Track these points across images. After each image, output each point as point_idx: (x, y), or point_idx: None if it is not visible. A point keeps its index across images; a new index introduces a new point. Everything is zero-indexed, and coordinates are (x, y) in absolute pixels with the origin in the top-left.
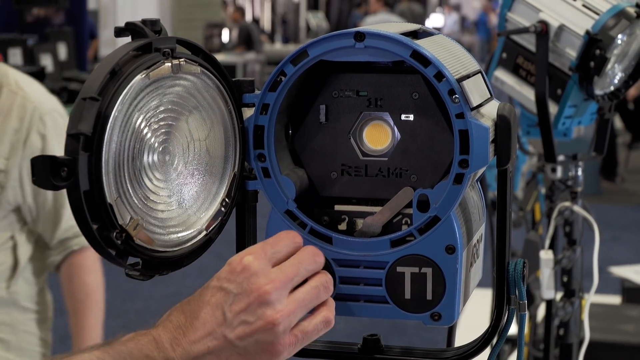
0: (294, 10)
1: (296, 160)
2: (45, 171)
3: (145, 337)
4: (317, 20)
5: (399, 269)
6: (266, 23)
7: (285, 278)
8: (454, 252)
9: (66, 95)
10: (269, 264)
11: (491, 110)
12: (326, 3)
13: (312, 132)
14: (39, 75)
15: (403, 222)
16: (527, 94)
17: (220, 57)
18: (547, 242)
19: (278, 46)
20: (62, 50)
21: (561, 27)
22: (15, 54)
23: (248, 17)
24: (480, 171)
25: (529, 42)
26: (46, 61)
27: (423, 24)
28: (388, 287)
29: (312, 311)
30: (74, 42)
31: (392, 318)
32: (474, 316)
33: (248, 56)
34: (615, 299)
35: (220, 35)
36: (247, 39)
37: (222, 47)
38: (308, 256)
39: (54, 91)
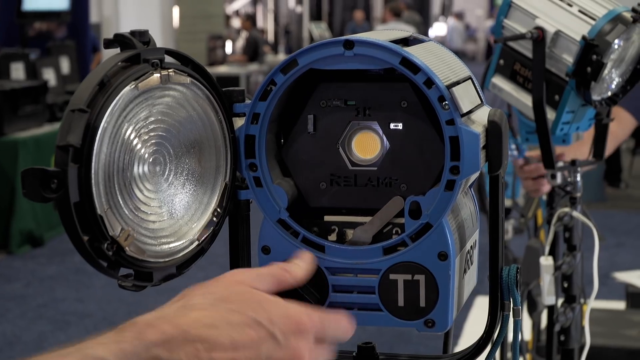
0: (297, 21)
1: (285, 171)
2: (35, 183)
3: (152, 332)
4: (319, 30)
5: (392, 276)
6: (269, 34)
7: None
8: (447, 258)
9: None
10: (315, 337)
11: (482, 116)
12: (329, 13)
13: (301, 143)
14: (42, 89)
15: (393, 231)
16: (524, 100)
17: (223, 69)
18: (547, 248)
19: (281, 57)
20: (65, 64)
21: (557, 33)
22: (18, 69)
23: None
24: (473, 177)
25: (525, 48)
26: (49, 75)
27: (425, 32)
28: (381, 294)
29: None
30: (77, 56)
31: (385, 325)
32: (481, 323)
33: (251, 67)
34: (619, 304)
35: (223, 47)
36: (253, 50)
37: (226, 59)
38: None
39: (56, 105)
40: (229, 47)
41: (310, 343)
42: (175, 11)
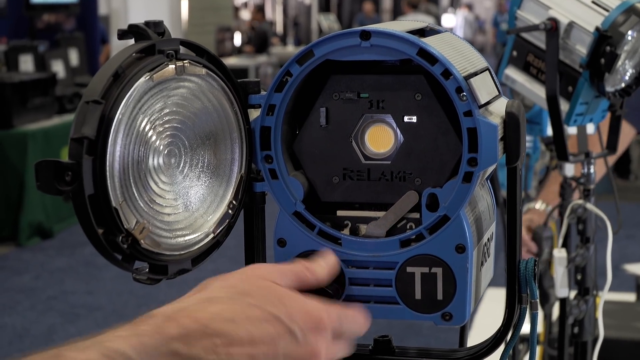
0: (306, 13)
1: (297, 165)
2: (49, 176)
3: (172, 326)
4: (328, 22)
5: (409, 269)
6: (278, 25)
7: (334, 354)
8: (464, 251)
9: (78, 101)
10: (332, 333)
11: (500, 107)
12: (338, 5)
13: (313, 136)
14: (51, 81)
15: (407, 226)
16: (538, 91)
17: (232, 61)
18: (560, 241)
19: (290, 49)
20: (74, 56)
21: (571, 24)
22: (27, 61)
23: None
24: (490, 169)
25: (539, 39)
26: (57, 67)
27: (440, 23)
28: (398, 287)
29: None
30: (85, 48)
31: (402, 319)
32: (491, 315)
33: (260, 59)
34: (630, 297)
35: (232, 39)
36: (262, 42)
37: (234, 51)
38: (350, 349)
39: (65, 97)
40: (237, 39)
41: (328, 340)
42: (184, 3)
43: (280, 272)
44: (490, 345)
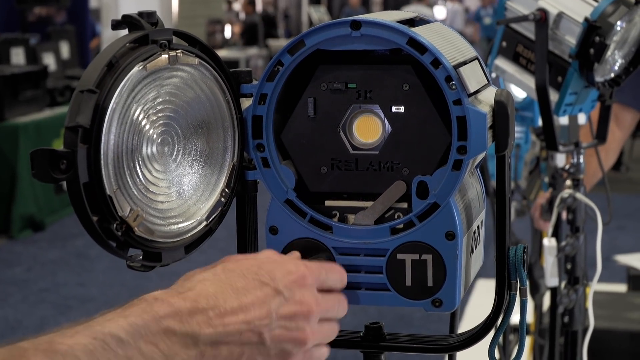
0: (296, 5)
1: (285, 155)
2: (45, 164)
3: (161, 305)
4: (319, 14)
5: (399, 256)
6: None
7: (326, 307)
8: (454, 238)
9: (69, 94)
10: (317, 286)
11: (489, 96)
12: None
13: (301, 126)
14: (42, 74)
15: (395, 216)
16: (527, 82)
17: (222, 53)
18: (550, 230)
19: (281, 41)
20: (65, 49)
21: (560, 15)
22: (18, 54)
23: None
24: (479, 157)
25: (528, 30)
26: (49, 60)
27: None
28: (389, 274)
29: None
30: (76, 41)
31: (393, 305)
32: (483, 305)
33: (251, 51)
34: (621, 287)
35: (222, 31)
36: (251, 34)
37: (225, 43)
38: (344, 303)
39: (57, 90)
40: (228, 31)
41: (314, 292)
42: None
43: (252, 255)
44: (479, 331)
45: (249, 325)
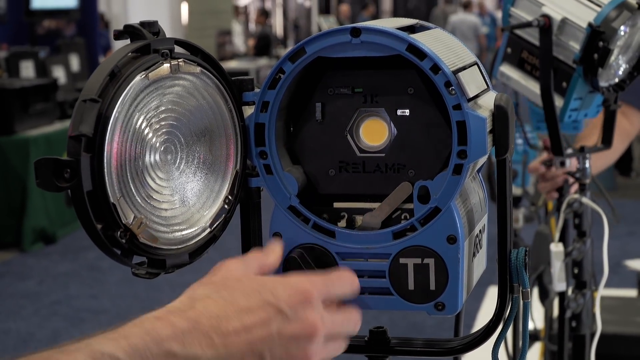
0: (306, 15)
1: (294, 159)
2: (49, 173)
3: (163, 326)
4: (329, 24)
5: (402, 260)
6: (278, 28)
7: (332, 327)
8: (456, 242)
9: None
10: (322, 301)
11: (488, 100)
12: (337, 7)
13: (309, 130)
14: (52, 87)
15: (402, 217)
16: (532, 88)
17: (233, 64)
18: (557, 235)
19: None
20: (74, 62)
21: (564, 21)
22: (28, 67)
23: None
24: (480, 162)
25: (532, 36)
26: (58, 73)
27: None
28: (391, 278)
29: None
30: (86, 53)
31: (396, 309)
32: (491, 313)
33: (261, 62)
34: (631, 292)
35: (232, 42)
36: (264, 46)
37: (235, 55)
38: (354, 320)
39: (67, 103)
40: (238, 42)
41: (319, 310)
42: (184, 7)
43: (244, 264)
44: (482, 334)
45: (251, 346)
